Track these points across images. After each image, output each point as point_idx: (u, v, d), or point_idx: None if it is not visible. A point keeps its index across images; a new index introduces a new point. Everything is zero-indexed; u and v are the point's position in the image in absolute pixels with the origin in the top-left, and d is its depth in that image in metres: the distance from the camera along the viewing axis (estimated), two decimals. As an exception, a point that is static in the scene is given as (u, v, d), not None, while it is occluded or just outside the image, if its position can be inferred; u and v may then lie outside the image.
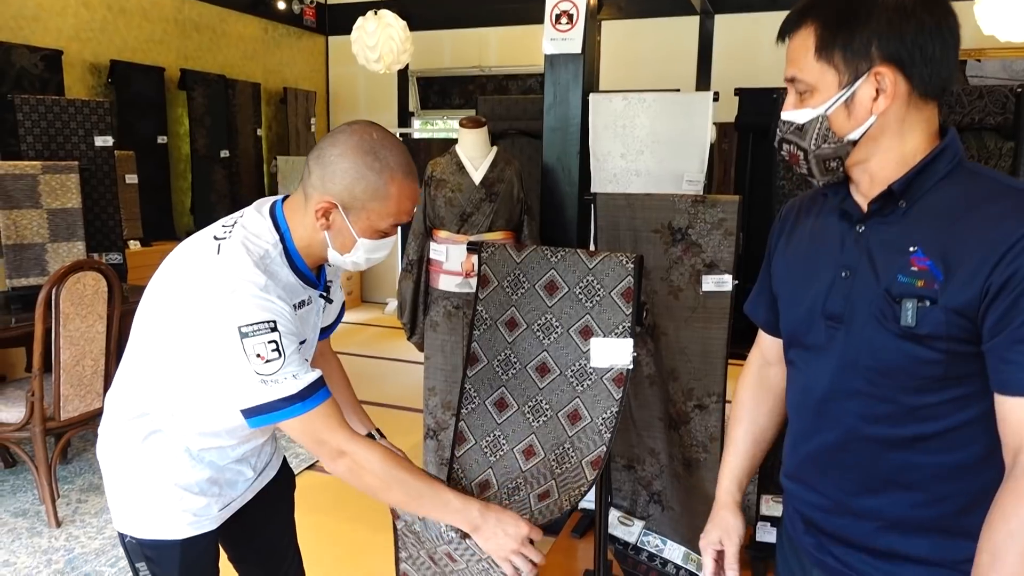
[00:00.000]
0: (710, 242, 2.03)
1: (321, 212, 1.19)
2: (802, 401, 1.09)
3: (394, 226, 1.25)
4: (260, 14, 6.25)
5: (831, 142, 0.96)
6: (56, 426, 2.91)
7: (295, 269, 1.24)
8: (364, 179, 1.17)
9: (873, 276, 0.95)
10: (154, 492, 1.31)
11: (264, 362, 1.12)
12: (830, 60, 0.93)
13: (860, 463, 1.01)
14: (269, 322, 1.12)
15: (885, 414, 0.97)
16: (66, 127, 3.53)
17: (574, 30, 2.57)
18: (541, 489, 1.67)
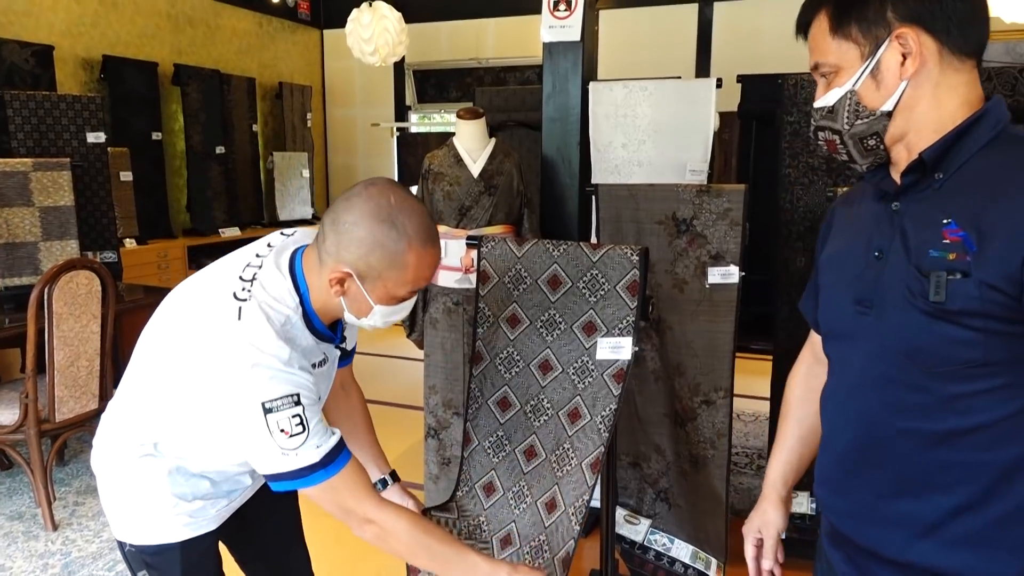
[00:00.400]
0: (716, 233, 1.98)
1: (335, 280, 1.15)
2: (832, 396, 1.03)
3: (412, 293, 1.21)
4: (254, 8, 6.18)
5: (863, 117, 0.92)
6: (51, 428, 2.86)
7: (313, 330, 1.21)
8: (380, 248, 1.12)
9: (904, 254, 0.89)
10: (150, 500, 1.27)
11: (288, 437, 1.10)
12: (847, 35, 0.91)
13: (892, 462, 0.93)
14: (293, 395, 1.10)
15: (918, 405, 0.90)
16: (57, 123, 3.47)
17: (573, 17, 2.51)
18: (547, 497, 1.62)
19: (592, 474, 1.57)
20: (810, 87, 2.21)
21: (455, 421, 2.57)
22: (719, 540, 2.10)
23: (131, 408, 1.27)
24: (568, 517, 1.57)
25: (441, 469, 2.61)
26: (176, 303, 1.24)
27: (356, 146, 7.12)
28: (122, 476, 1.28)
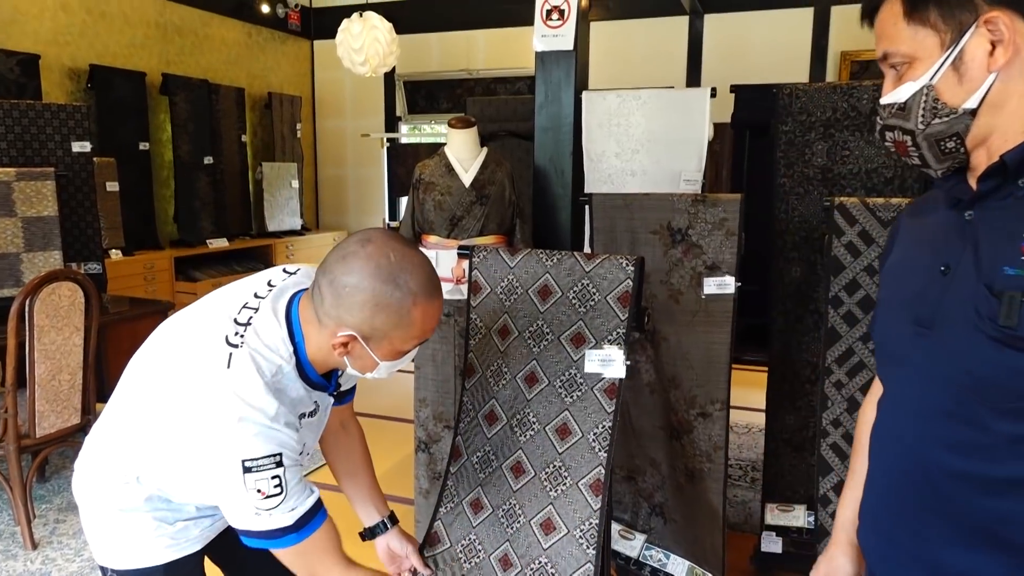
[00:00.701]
0: (711, 243, 1.95)
1: (339, 344, 1.11)
2: (881, 427, 0.93)
3: (418, 344, 1.18)
4: (244, 18, 6.15)
5: (942, 116, 0.80)
6: (32, 443, 2.79)
7: (307, 379, 1.17)
8: (386, 310, 1.09)
9: (974, 270, 0.78)
10: (131, 524, 1.24)
11: (264, 497, 1.07)
12: (924, 20, 0.79)
13: (944, 508, 0.82)
14: (275, 456, 1.07)
15: (978, 445, 0.78)
16: (41, 132, 3.41)
17: (565, 26, 2.49)
18: (541, 517, 1.55)
19: (594, 496, 1.50)
20: (805, 98, 2.20)
21: (446, 435, 2.52)
22: (716, 556, 2.06)
23: (115, 437, 1.23)
24: (574, 540, 1.50)
25: (432, 484, 2.56)
26: (168, 337, 1.21)
27: (346, 157, 7.08)
28: (103, 501, 1.25)
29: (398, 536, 1.49)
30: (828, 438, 1.91)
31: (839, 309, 1.87)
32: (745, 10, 5.52)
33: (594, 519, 1.49)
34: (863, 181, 2.15)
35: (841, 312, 1.87)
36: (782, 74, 5.43)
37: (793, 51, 5.47)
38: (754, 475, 3.34)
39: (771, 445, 2.39)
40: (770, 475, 2.41)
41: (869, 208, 1.80)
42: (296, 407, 1.15)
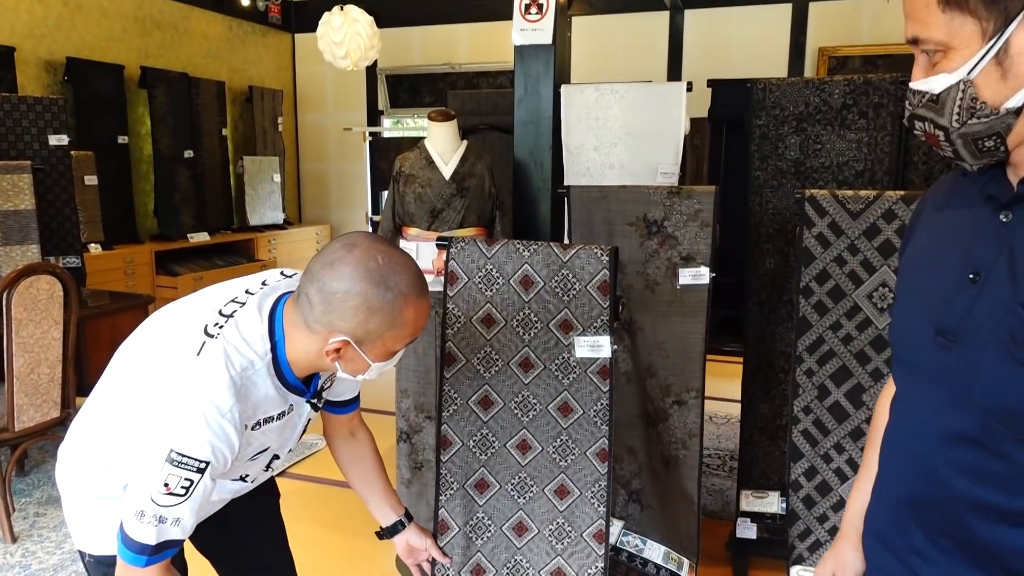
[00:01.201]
0: (686, 234, 1.99)
1: (332, 351, 1.12)
2: (895, 436, 0.88)
3: (409, 343, 1.19)
4: (224, 11, 6.11)
5: (981, 115, 0.71)
6: (10, 437, 2.78)
7: (282, 380, 1.17)
8: (379, 313, 1.09)
9: (1010, 283, 0.71)
10: (108, 511, 1.24)
11: (166, 494, 1.05)
12: (963, 6, 0.69)
13: (957, 533, 0.78)
14: (202, 463, 1.05)
15: (999, 475, 0.73)
16: (17, 125, 3.38)
17: (544, 20, 2.52)
18: (554, 485, 1.69)
19: (601, 462, 1.64)
20: (778, 92, 2.24)
21: (427, 425, 2.54)
22: (691, 541, 2.10)
23: (94, 424, 1.24)
24: (586, 501, 1.66)
25: (413, 473, 2.58)
26: (154, 326, 1.22)
27: (328, 151, 7.06)
28: (83, 487, 1.26)
29: (416, 531, 1.54)
30: (799, 425, 1.96)
31: (810, 299, 1.91)
32: (725, 6, 5.57)
33: (603, 481, 1.64)
34: (835, 174, 2.19)
35: (812, 302, 1.91)
36: (761, 69, 5.49)
37: (772, 46, 5.53)
38: (732, 464, 3.40)
39: (746, 434, 2.44)
40: (745, 463, 2.46)
41: (839, 200, 1.85)
42: (261, 407, 1.15)
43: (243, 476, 1.28)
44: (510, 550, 1.72)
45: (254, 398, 1.13)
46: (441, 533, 1.74)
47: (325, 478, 3.29)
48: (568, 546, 1.68)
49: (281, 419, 1.21)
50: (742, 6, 5.53)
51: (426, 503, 2.58)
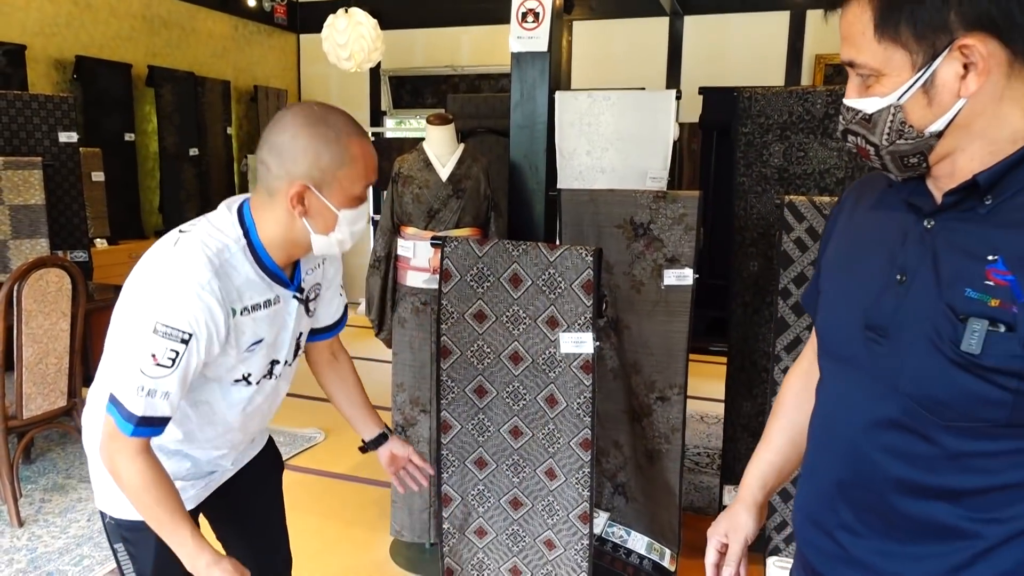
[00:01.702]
0: (671, 237, 2.07)
1: (296, 198, 1.16)
2: (823, 422, 0.94)
3: (367, 188, 1.22)
4: (230, 11, 6.20)
5: (908, 137, 0.78)
6: (18, 425, 2.87)
7: (261, 266, 1.22)
8: (326, 150, 1.15)
9: (935, 284, 0.77)
10: None
11: (154, 364, 1.11)
12: (895, 37, 0.74)
13: (882, 509, 0.84)
14: (186, 333, 1.12)
15: (923, 457, 0.80)
16: (29, 122, 3.48)
17: (540, 28, 2.60)
18: (544, 467, 1.85)
19: (584, 451, 1.78)
20: (763, 101, 2.32)
21: (422, 418, 2.63)
22: (672, 531, 2.18)
23: (103, 374, 1.31)
24: (571, 485, 1.81)
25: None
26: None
27: (331, 150, 7.15)
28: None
29: (398, 442, 1.60)
30: (777, 421, 2.04)
31: (788, 300, 2.00)
32: (724, 12, 5.65)
33: (586, 468, 1.78)
34: (816, 181, 2.28)
35: (790, 303, 2.00)
36: (759, 75, 5.57)
37: (770, 53, 5.61)
38: (720, 462, 3.48)
39: (729, 431, 2.52)
40: (728, 459, 2.54)
41: (816, 206, 1.93)
42: (246, 293, 1.20)
43: (246, 376, 1.28)
44: (507, 520, 1.90)
45: (236, 281, 1.19)
46: (444, 506, 1.91)
47: (323, 470, 3.37)
48: (557, 522, 1.84)
49: (269, 308, 1.25)
50: (741, 13, 5.61)
51: (419, 495, 2.67)
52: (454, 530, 1.95)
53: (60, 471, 3.29)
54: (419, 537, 2.69)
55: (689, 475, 3.37)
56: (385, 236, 2.68)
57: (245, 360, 1.26)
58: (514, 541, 1.92)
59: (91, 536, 2.74)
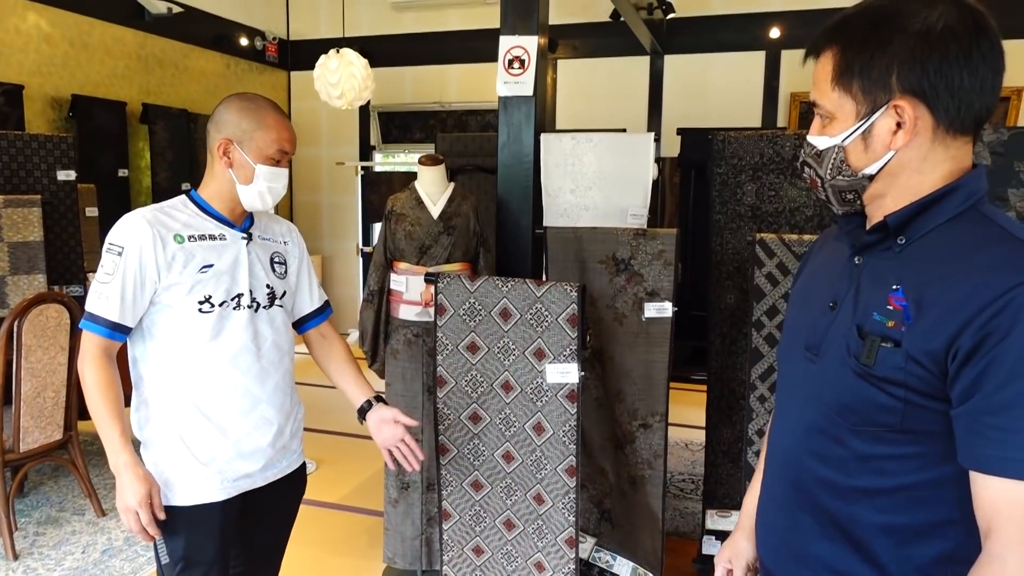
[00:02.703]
0: (651, 272, 2.19)
1: (221, 150, 1.50)
2: (773, 433, 1.07)
3: (280, 153, 1.53)
4: (223, 50, 6.36)
5: (845, 175, 0.92)
6: (15, 458, 2.91)
7: (201, 209, 1.55)
8: (246, 115, 1.50)
9: (853, 311, 0.91)
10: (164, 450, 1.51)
11: (104, 272, 1.45)
12: (848, 89, 0.88)
13: (812, 508, 0.97)
14: (120, 247, 1.44)
15: (837, 458, 0.93)
16: (28, 161, 3.57)
17: (526, 74, 2.74)
18: (533, 492, 1.96)
19: (570, 477, 1.89)
20: (736, 144, 2.47)
21: (433, 439, 2.71)
22: (655, 556, 2.27)
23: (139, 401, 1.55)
24: (558, 510, 1.92)
25: (400, 493, 2.74)
26: None
27: (321, 184, 7.27)
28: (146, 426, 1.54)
29: (384, 409, 1.70)
30: (753, 446, 2.15)
31: (761, 331, 2.11)
32: (702, 52, 5.88)
33: (571, 494, 1.90)
34: (787, 219, 2.41)
35: (763, 334, 2.12)
36: (737, 112, 5.78)
37: (747, 91, 5.83)
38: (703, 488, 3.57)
39: (710, 456, 2.62)
40: (710, 484, 2.63)
41: (785, 243, 2.06)
42: (190, 226, 1.50)
43: (208, 298, 1.49)
44: (502, 540, 2.01)
45: (178, 218, 1.51)
46: (445, 520, 2.05)
47: (316, 500, 3.43)
48: (546, 545, 1.95)
49: (215, 240, 1.53)
50: (718, 52, 5.83)
51: (411, 522, 2.73)
52: (453, 543, 2.05)
53: (54, 504, 3.32)
54: (411, 564, 2.75)
55: (674, 501, 3.46)
56: (378, 271, 2.78)
57: (201, 281, 1.49)
58: (508, 561, 2.01)
59: (86, 568, 2.78)
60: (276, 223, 1.72)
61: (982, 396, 0.78)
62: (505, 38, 2.60)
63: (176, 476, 1.50)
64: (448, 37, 6.56)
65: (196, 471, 1.51)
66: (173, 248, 1.46)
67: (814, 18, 5.50)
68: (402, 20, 6.69)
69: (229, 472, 1.54)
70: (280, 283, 1.63)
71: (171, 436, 1.51)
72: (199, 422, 1.51)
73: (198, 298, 1.48)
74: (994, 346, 0.77)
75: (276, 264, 1.63)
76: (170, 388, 1.51)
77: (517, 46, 2.72)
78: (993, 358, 0.77)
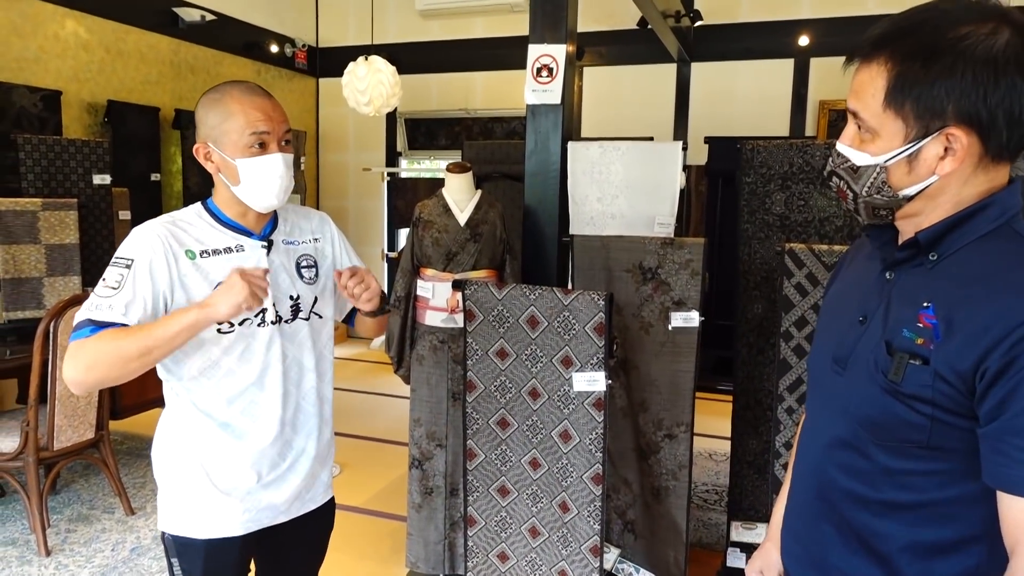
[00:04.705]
0: (678, 281, 2.18)
1: (203, 156, 1.38)
2: (801, 444, 1.08)
3: (256, 136, 1.34)
4: (254, 57, 6.46)
5: (884, 195, 0.90)
6: (49, 456, 2.98)
7: (216, 219, 1.41)
8: (212, 109, 1.36)
9: (882, 326, 0.91)
10: (186, 479, 1.41)
11: (104, 286, 1.30)
12: (899, 109, 0.85)
13: (837, 519, 0.97)
14: (129, 260, 1.31)
15: (863, 472, 0.93)
16: (66, 166, 3.66)
17: (554, 83, 2.76)
18: (559, 499, 1.97)
19: (595, 485, 1.90)
20: (765, 153, 2.45)
21: (438, 452, 2.72)
22: (679, 569, 2.25)
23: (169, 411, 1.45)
24: (583, 517, 1.94)
25: (424, 498, 2.75)
26: None
27: (347, 189, 7.35)
28: (167, 450, 1.44)
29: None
30: (780, 459, 2.13)
31: (790, 342, 2.10)
32: (730, 59, 5.85)
33: (597, 502, 1.90)
34: (817, 228, 2.39)
35: (792, 345, 2.10)
36: (765, 120, 5.74)
37: (775, 99, 5.79)
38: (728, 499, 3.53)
39: (736, 467, 2.60)
40: (735, 495, 2.61)
41: (815, 253, 2.04)
42: (206, 240, 1.38)
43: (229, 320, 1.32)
44: (527, 547, 2.02)
45: (192, 232, 1.38)
46: (470, 526, 2.07)
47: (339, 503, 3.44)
48: (571, 553, 1.95)
49: (232, 254, 1.39)
50: (746, 60, 5.80)
51: (435, 527, 2.75)
52: (478, 550, 2.06)
53: (84, 502, 3.39)
54: (434, 569, 2.76)
55: (698, 512, 3.43)
56: (405, 277, 2.80)
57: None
58: (533, 568, 2.02)
59: (115, 566, 2.82)
60: (305, 219, 1.55)
61: (1008, 417, 0.78)
62: (534, 47, 2.61)
63: (195, 506, 1.42)
64: (474, 45, 6.60)
65: (217, 501, 1.41)
66: (186, 265, 1.33)
67: (843, 26, 5.46)
68: (429, 28, 6.75)
69: (251, 503, 1.44)
70: (308, 290, 1.49)
71: (191, 464, 1.41)
72: (221, 448, 1.40)
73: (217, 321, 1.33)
74: (1021, 368, 0.77)
75: (304, 268, 1.49)
76: (191, 412, 1.40)
77: (545, 54, 2.73)
78: (1021, 380, 0.77)
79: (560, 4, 2.59)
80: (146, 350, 1.25)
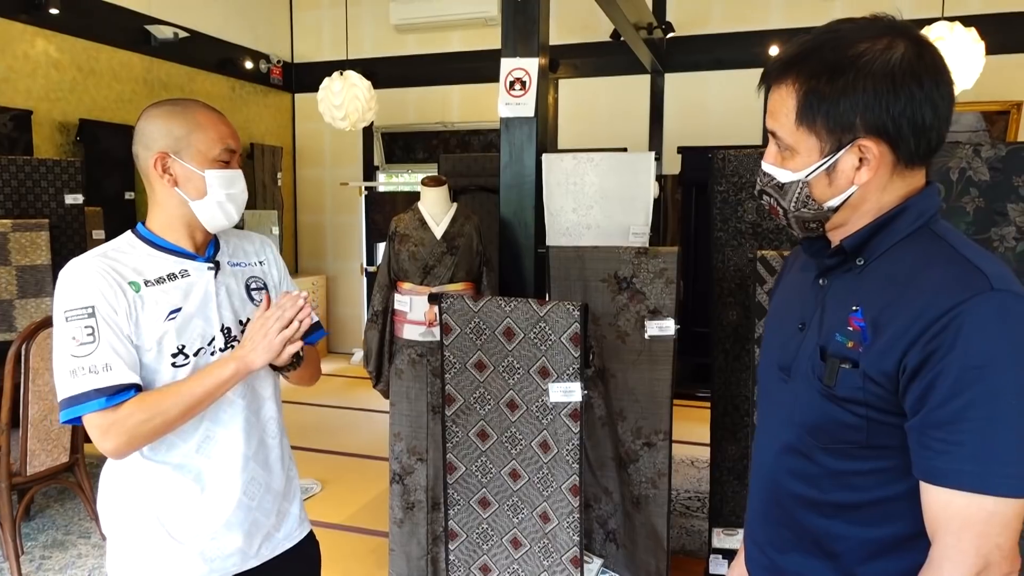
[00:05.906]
0: (653, 290, 2.20)
1: (160, 167, 1.27)
2: (755, 452, 1.11)
3: (226, 152, 1.31)
4: (228, 73, 6.43)
5: (810, 208, 0.94)
6: (22, 481, 2.92)
7: (152, 245, 1.30)
8: (175, 120, 1.27)
9: (818, 332, 0.94)
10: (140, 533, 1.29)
11: (78, 344, 1.18)
12: (812, 126, 0.90)
13: (789, 522, 1.00)
14: (88, 307, 1.19)
15: (811, 475, 0.96)
16: (36, 186, 3.61)
17: (527, 95, 2.78)
18: (539, 510, 1.99)
19: (573, 496, 1.90)
20: (736, 162, 2.49)
21: (419, 467, 2.71)
22: None
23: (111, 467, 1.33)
24: (563, 528, 1.94)
25: (405, 513, 2.74)
26: None
27: (325, 204, 7.32)
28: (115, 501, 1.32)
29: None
30: (758, 463, 2.15)
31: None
32: (701, 70, 5.93)
33: (576, 513, 1.92)
34: (788, 235, 2.42)
35: (766, 351, 2.12)
36: (738, 129, 5.82)
37: (747, 109, 5.86)
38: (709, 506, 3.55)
39: (716, 474, 2.61)
40: (715, 502, 2.62)
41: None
42: (145, 268, 1.27)
43: (181, 349, 1.27)
44: (509, 559, 2.03)
45: (129, 261, 1.26)
46: (452, 540, 2.06)
47: (321, 521, 3.42)
48: (552, 564, 1.96)
49: (177, 280, 1.30)
50: (718, 70, 5.89)
51: (417, 542, 2.73)
52: (460, 563, 2.05)
53: (59, 527, 3.33)
54: (417, 585, 2.74)
55: (680, 519, 3.44)
56: (382, 291, 2.80)
57: (169, 331, 1.26)
58: None
59: (92, 591, 2.78)
60: (247, 241, 1.49)
61: (927, 411, 0.82)
62: (506, 60, 2.64)
63: (150, 562, 1.30)
64: (450, 58, 6.64)
65: (173, 552, 1.29)
66: (132, 298, 1.23)
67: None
68: (405, 42, 6.77)
69: (212, 551, 1.32)
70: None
71: (145, 515, 1.29)
72: (176, 492, 1.29)
73: (170, 351, 1.26)
74: (937, 363, 0.81)
75: (254, 291, 1.41)
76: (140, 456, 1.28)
77: (518, 68, 2.75)
78: (937, 374, 0.81)
79: (532, 18, 2.61)
80: (189, 412, 1.23)
